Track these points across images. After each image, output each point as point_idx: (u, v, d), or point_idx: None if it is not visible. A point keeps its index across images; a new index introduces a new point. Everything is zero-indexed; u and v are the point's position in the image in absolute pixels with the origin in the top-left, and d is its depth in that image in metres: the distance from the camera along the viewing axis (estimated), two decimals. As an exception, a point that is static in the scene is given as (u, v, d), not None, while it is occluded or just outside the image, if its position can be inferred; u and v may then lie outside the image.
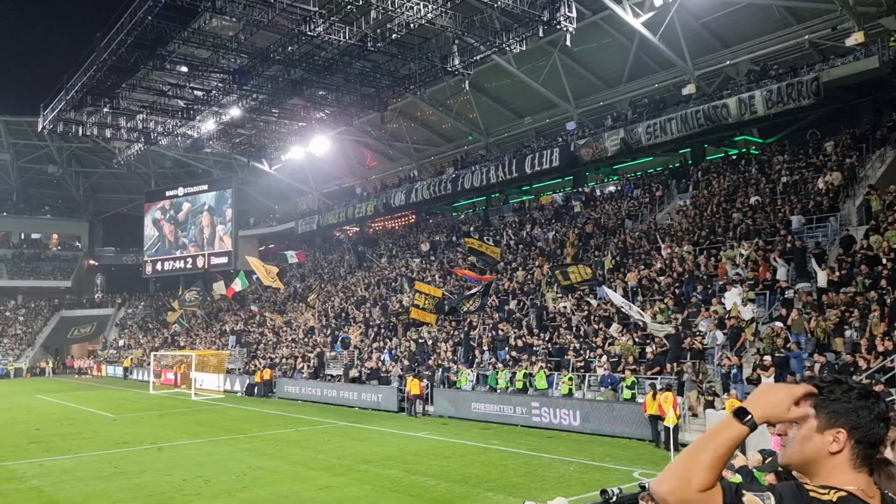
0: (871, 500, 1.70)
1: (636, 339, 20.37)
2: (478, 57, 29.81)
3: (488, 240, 32.79)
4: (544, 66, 33.96)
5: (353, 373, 28.71)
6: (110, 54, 31.11)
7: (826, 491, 1.68)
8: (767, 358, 16.12)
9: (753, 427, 1.71)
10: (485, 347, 25.06)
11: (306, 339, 36.28)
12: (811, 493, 1.67)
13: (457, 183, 38.98)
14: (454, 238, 40.32)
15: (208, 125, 40.41)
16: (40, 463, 16.63)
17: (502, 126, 41.37)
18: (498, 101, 39.23)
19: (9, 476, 15.17)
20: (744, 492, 1.70)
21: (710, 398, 16.86)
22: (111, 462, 16.51)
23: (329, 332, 35.55)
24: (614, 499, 8.22)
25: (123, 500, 12.66)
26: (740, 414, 1.72)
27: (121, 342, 56.69)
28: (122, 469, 15.60)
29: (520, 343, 23.81)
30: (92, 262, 71.72)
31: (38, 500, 12.92)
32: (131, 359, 49.58)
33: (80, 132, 42.05)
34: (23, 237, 70.32)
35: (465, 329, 27.20)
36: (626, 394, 18.54)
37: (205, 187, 57.93)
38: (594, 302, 23.85)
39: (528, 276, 28.95)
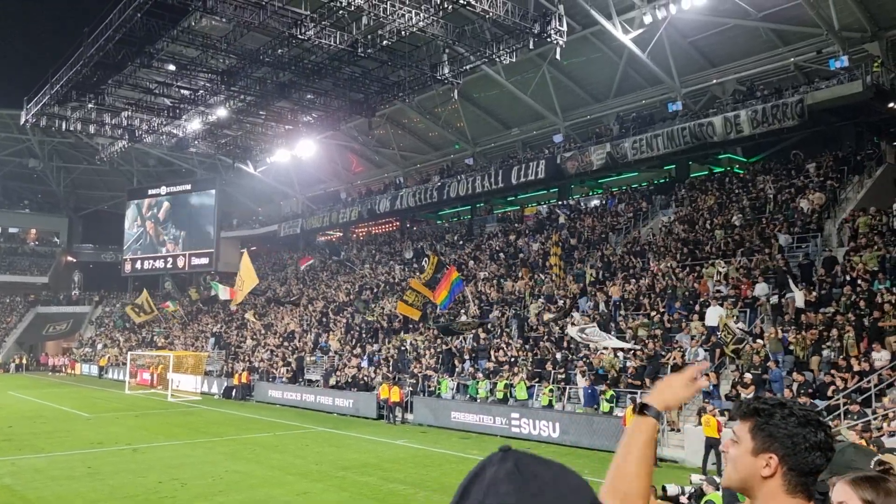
0: None
1: (618, 354, 20.47)
2: (467, 66, 29.91)
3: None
4: (533, 78, 34.16)
5: (333, 380, 28.54)
6: (97, 50, 30.83)
7: None
8: (748, 375, 16.27)
9: (657, 416, 1.76)
10: (466, 357, 25.04)
11: (286, 344, 36.03)
12: None
13: (442, 191, 39.01)
14: (437, 247, 40.37)
15: (194, 125, 40.12)
16: (12, 461, 16.35)
17: (489, 136, 41.51)
18: (486, 111, 39.38)
19: (-21, 474, 14.90)
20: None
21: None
22: (85, 462, 16.27)
23: (309, 336, 35.34)
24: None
25: (97, 501, 12.48)
26: (643, 409, 1.77)
27: (98, 343, 55.91)
28: (97, 469, 15.38)
29: (501, 354, 23.82)
30: (70, 258, 70.76)
31: (9, 499, 12.69)
32: (107, 358, 48.93)
33: (64, 127, 41.59)
34: (0, 231, 69.28)
35: (448, 339, 27.15)
36: (605, 407, 18.60)
37: (188, 187, 57.50)
38: (577, 315, 23.94)
39: (513, 287, 29.01)
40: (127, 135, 42.16)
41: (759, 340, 17.82)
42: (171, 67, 33.42)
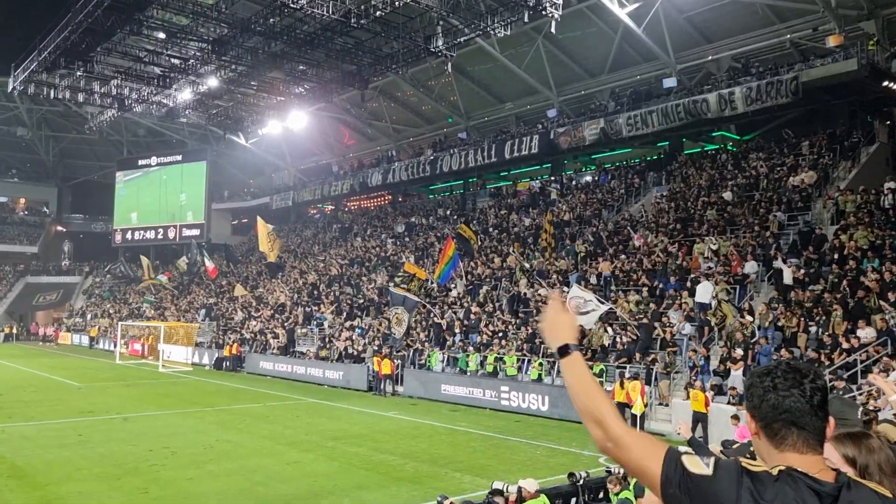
0: (818, 475, 1.65)
1: (608, 329, 20.59)
2: (462, 39, 29.63)
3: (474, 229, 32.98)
4: (528, 52, 33.90)
5: (324, 353, 28.63)
6: (86, 16, 30.29)
7: (762, 464, 1.70)
8: (739, 351, 16.42)
9: (578, 348, 1.92)
10: (456, 331, 25.15)
11: (276, 316, 36.08)
12: (744, 465, 1.68)
13: (435, 165, 38.86)
14: (430, 220, 40.32)
15: (184, 95, 39.63)
16: (1, 429, 16.40)
17: (483, 110, 41.28)
18: (480, 84, 39.11)
19: (-31, 441, 14.94)
20: (683, 452, 1.73)
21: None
22: (76, 430, 16.33)
23: (300, 309, 35.38)
24: (581, 482, 8.38)
25: (87, 469, 12.55)
26: (564, 350, 1.91)
27: (88, 313, 55.81)
28: (87, 438, 15.45)
29: (491, 328, 23.93)
30: (60, 228, 70.30)
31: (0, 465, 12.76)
32: (98, 328, 48.89)
33: (52, 95, 41.02)
34: (-12, 200, 68.65)
35: (440, 312, 27.24)
36: (595, 381, 18.74)
37: (179, 157, 57.08)
38: (566, 289, 24.01)
39: (503, 262, 29.07)
40: (116, 104, 41.70)
41: (748, 317, 17.95)
42: (161, 35, 32.96)
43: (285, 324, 33.70)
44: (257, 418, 18.78)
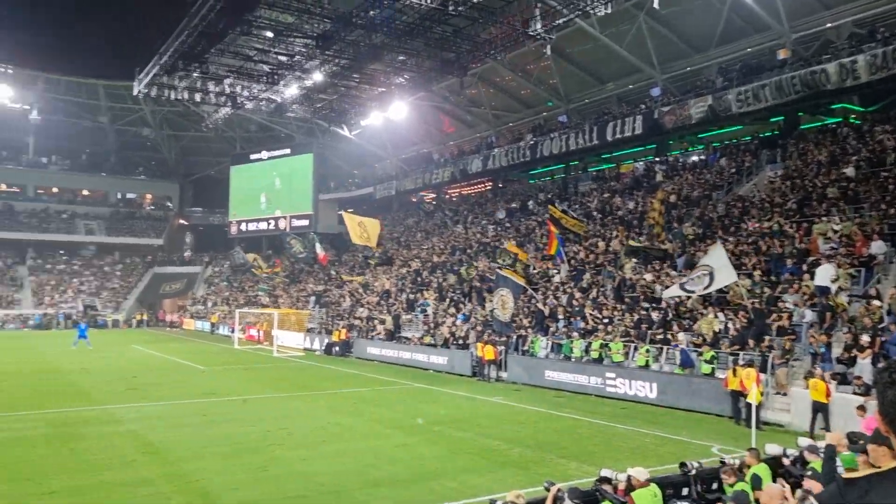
0: None
1: (718, 315, 19.83)
2: (560, 21, 29.15)
3: (565, 211, 32.53)
4: (629, 30, 32.91)
5: (429, 339, 29.12)
6: (201, 20, 32.05)
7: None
8: (865, 338, 15.40)
9: None
10: (560, 317, 24.95)
11: (382, 302, 37.00)
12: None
13: (535, 150, 38.53)
14: (531, 205, 40.05)
15: (291, 90, 41.24)
16: (137, 408, 17.73)
17: (583, 92, 40.48)
18: (579, 66, 38.37)
19: (109, 419, 16.25)
20: None
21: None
22: (201, 410, 17.44)
23: (404, 296, 36.12)
24: (693, 472, 8.12)
25: (211, 447, 13.37)
26: None
27: (209, 301, 59.24)
28: (211, 418, 16.46)
29: (596, 314, 23.58)
30: (182, 221, 75.09)
31: (134, 442, 13.81)
32: (218, 315, 51.80)
33: (172, 96, 43.68)
34: (119, 197, 74.24)
35: (542, 298, 27.09)
36: (706, 368, 18.13)
37: (287, 151, 59.28)
38: (674, 273, 23.32)
39: (607, 247, 28.53)
40: (229, 102, 43.87)
41: (874, 301, 16.80)
42: (269, 34, 34.29)
43: (391, 310, 34.52)
44: (366, 402, 19.38)
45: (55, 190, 71.31)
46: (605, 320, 22.90)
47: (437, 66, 36.19)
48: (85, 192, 72.81)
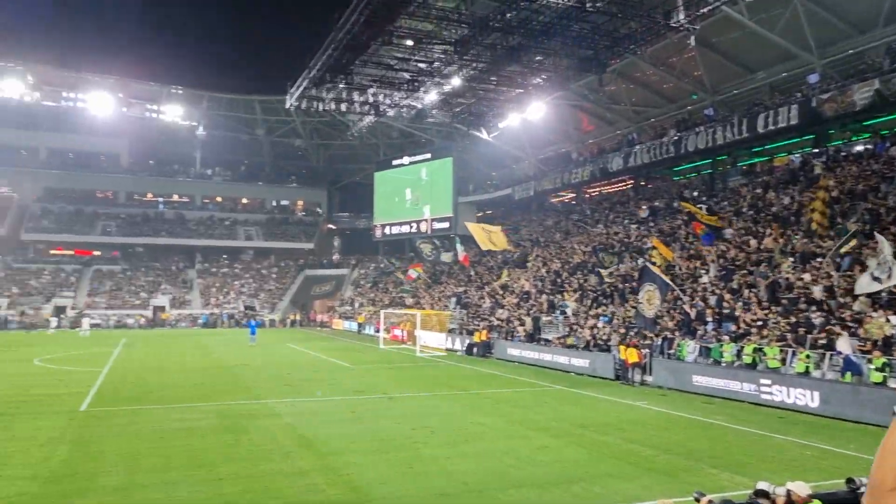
0: None
1: (890, 318, 18.15)
2: (705, 10, 27.86)
3: (702, 207, 31.15)
4: (782, 14, 30.84)
5: (570, 340, 28.80)
6: (345, 34, 33.61)
7: None
8: None
9: None
10: (708, 319, 23.83)
11: (521, 304, 37.02)
12: None
13: (679, 145, 37.03)
14: (675, 203, 38.52)
15: (431, 96, 42.31)
16: (291, 403, 18.87)
17: (731, 83, 38.38)
18: (726, 55, 36.42)
19: (268, 412, 17.43)
20: None
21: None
22: (350, 407, 18.28)
23: (544, 297, 35.92)
24: (863, 489, 7.47)
25: (360, 442, 13.99)
26: None
27: (356, 302, 61.96)
28: (360, 414, 17.22)
29: (748, 316, 22.30)
30: (330, 226, 79.23)
31: (291, 435, 14.72)
32: (364, 315, 54.02)
33: (320, 107, 46.11)
34: (274, 204, 79.49)
35: (689, 299, 26.01)
36: (876, 377, 16.65)
37: (428, 156, 60.75)
38: (835, 274, 21.59)
39: (759, 245, 26.90)
40: (373, 110, 45.67)
41: None
42: (409, 42, 35.33)
43: (530, 311, 34.46)
44: (507, 403, 19.49)
45: (219, 199, 77.52)
46: (759, 323, 21.61)
47: (575, 64, 35.71)
48: (244, 201, 78.60)
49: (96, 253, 69.44)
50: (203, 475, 11.43)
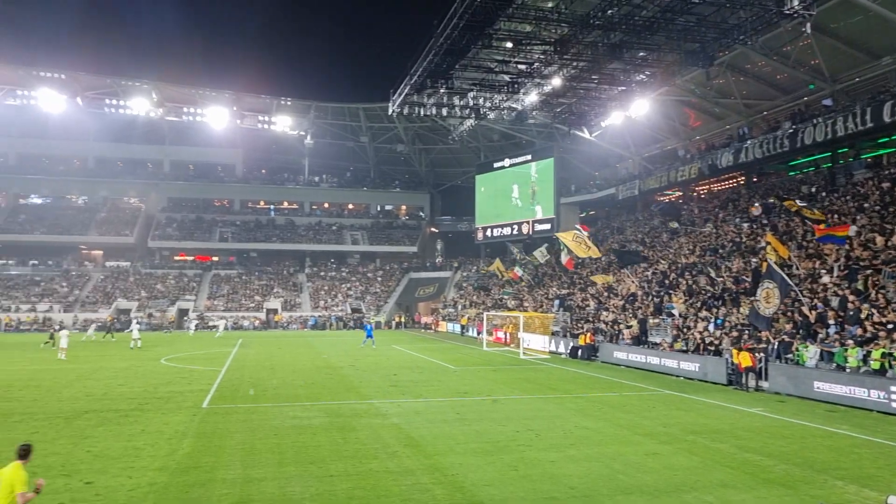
0: None
1: None
2: (822, -6, 26.35)
3: (811, 206, 29.47)
4: (911, -7, 28.70)
5: (679, 344, 27.89)
6: (445, 39, 34.04)
7: None
8: None
9: None
10: (830, 322, 22.45)
11: (627, 306, 36.16)
12: None
13: (795, 139, 35.10)
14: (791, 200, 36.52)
15: (531, 97, 42.14)
16: (398, 404, 19.27)
17: (852, 70, 35.98)
18: (846, 41, 34.18)
19: (375, 412, 17.87)
20: None
21: None
22: (454, 408, 18.47)
23: (650, 299, 34.94)
24: None
25: (465, 443, 14.11)
26: None
27: (459, 304, 62.51)
28: (463, 415, 17.36)
29: (876, 319, 20.84)
30: (433, 229, 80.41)
31: (397, 434, 15.03)
32: (467, 317, 54.39)
33: (422, 113, 46.88)
34: (378, 209, 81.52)
35: (809, 301, 24.60)
36: None
37: (528, 157, 60.48)
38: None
39: (887, 243, 25.08)
40: (473, 114, 45.99)
41: None
42: (509, 45, 35.33)
43: (637, 314, 33.61)
44: (613, 407, 19.10)
45: (326, 205, 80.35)
46: (889, 325, 20.15)
47: (681, 58, 34.59)
48: (350, 206, 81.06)
49: (215, 258, 73.61)
50: (315, 471, 11.88)
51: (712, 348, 25.66)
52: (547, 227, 57.93)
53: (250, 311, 64.26)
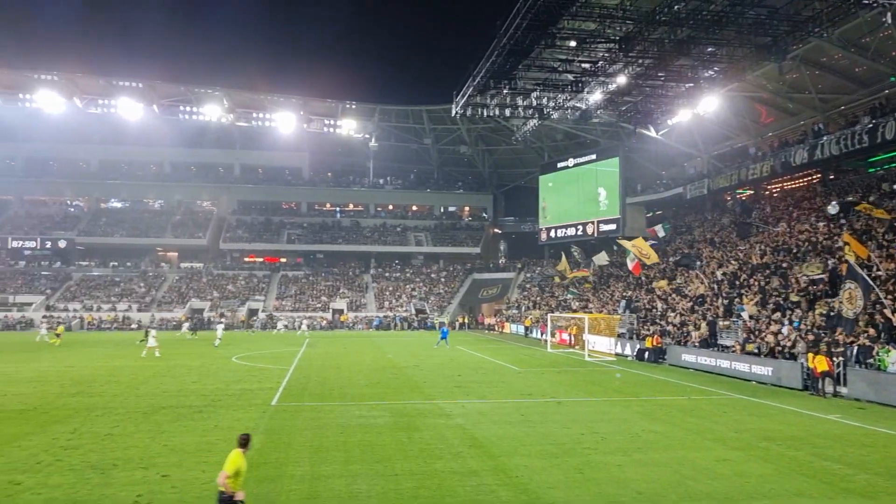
0: None
1: None
2: (905, -19, 25.12)
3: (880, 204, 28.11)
4: None
5: (751, 347, 27.04)
6: (508, 39, 33.97)
7: None
8: None
9: None
10: (915, 325, 21.39)
11: (696, 308, 35.27)
12: None
13: (875, 134, 33.53)
14: (872, 198, 34.94)
15: (595, 96, 41.59)
16: (462, 405, 19.33)
17: (939, 60, 34.18)
18: (934, 30, 32.49)
19: (439, 412, 17.98)
20: None
21: None
22: (518, 410, 18.41)
23: (720, 301, 33.99)
24: None
25: (530, 445, 14.04)
26: None
27: (522, 305, 62.24)
28: (528, 417, 17.29)
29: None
30: (496, 230, 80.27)
31: (461, 435, 15.08)
32: (531, 318, 54.09)
33: (485, 114, 46.90)
34: (442, 210, 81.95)
35: (892, 303, 23.49)
36: None
37: (593, 157, 59.67)
38: None
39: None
40: (537, 114, 45.73)
41: None
42: (572, 43, 34.99)
43: (706, 315, 32.76)
44: (682, 411, 18.68)
45: (390, 207, 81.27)
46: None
47: (751, 53, 33.56)
48: (414, 208, 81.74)
49: (283, 259, 75.43)
50: (380, 470, 12.04)
51: (786, 351, 24.77)
52: (612, 227, 57.04)
53: (317, 311, 65.54)
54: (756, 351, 26.49)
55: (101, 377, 25.14)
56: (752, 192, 49.59)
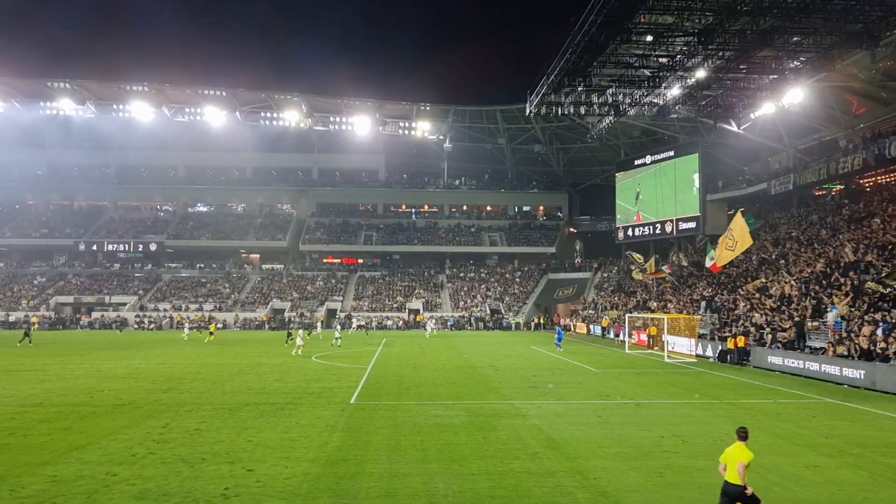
0: None
1: None
2: None
3: None
4: None
5: (842, 349, 25.80)
6: (583, 36, 33.56)
7: None
8: None
9: None
10: None
11: (782, 308, 33.91)
12: None
13: (981, 122, 31.46)
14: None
15: (673, 91, 40.58)
16: (538, 405, 19.23)
17: None
18: None
19: (515, 413, 17.94)
20: None
21: None
22: (595, 411, 18.17)
23: (808, 300, 32.55)
24: None
25: (607, 447, 13.85)
26: None
27: (599, 306, 61.31)
28: (605, 419, 17.04)
29: None
30: (571, 229, 79.40)
31: (538, 436, 15.00)
32: (608, 319, 53.21)
33: (559, 112, 46.48)
34: (516, 210, 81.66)
35: None
36: None
37: (671, 153, 58.27)
38: None
39: None
40: (612, 111, 44.97)
41: None
42: (649, 38, 34.27)
43: (792, 316, 31.45)
44: (768, 415, 18.02)
45: (465, 207, 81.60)
46: None
47: (841, 40, 32.04)
48: (488, 208, 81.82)
49: (360, 260, 76.85)
50: (457, 469, 12.13)
51: (882, 354, 23.52)
52: (692, 225, 55.53)
53: (394, 312, 66.43)
54: (847, 353, 25.26)
55: (190, 374, 26.28)
56: (842, 186, 47.29)
